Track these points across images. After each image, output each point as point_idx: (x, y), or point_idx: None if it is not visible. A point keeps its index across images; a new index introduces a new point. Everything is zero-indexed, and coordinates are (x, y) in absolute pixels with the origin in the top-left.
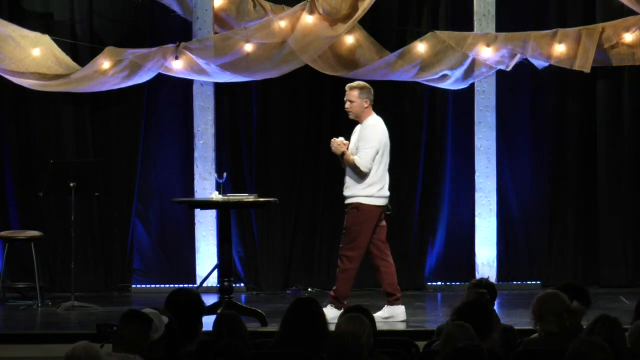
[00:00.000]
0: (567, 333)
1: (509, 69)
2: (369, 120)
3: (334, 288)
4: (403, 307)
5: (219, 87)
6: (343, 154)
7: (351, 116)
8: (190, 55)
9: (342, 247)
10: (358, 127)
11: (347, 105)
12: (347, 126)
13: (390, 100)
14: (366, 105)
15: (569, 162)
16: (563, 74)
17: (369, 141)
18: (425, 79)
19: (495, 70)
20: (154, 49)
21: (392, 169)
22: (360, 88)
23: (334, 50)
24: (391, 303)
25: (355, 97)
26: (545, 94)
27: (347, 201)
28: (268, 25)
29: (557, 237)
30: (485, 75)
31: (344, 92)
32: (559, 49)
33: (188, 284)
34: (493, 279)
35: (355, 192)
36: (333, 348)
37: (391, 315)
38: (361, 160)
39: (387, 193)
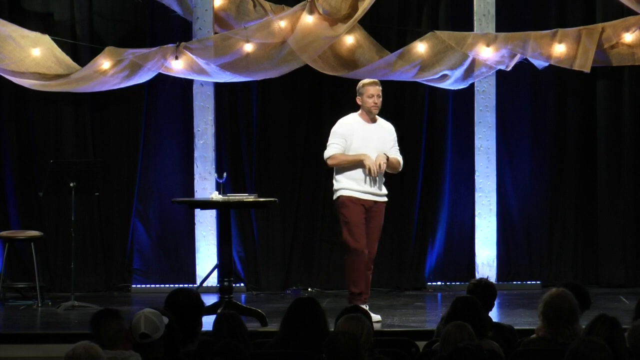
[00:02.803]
0: (566, 335)
1: (509, 69)
2: (387, 122)
3: (365, 291)
4: None
5: (219, 87)
6: (387, 159)
7: (376, 112)
8: (190, 55)
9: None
10: (376, 126)
11: (378, 101)
12: None
13: (390, 100)
14: None
15: (569, 162)
16: (563, 74)
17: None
18: (425, 79)
19: (495, 70)
20: (154, 49)
21: None
22: None
23: (334, 50)
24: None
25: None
26: (545, 94)
27: (384, 199)
28: (268, 25)
29: (557, 237)
30: (485, 75)
31: (343, 93)
32: (559, 49)
33: (188, 284)
34: (493, 279)
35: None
36: (331, 348)
37: None
38: (401, 160)
39: None
